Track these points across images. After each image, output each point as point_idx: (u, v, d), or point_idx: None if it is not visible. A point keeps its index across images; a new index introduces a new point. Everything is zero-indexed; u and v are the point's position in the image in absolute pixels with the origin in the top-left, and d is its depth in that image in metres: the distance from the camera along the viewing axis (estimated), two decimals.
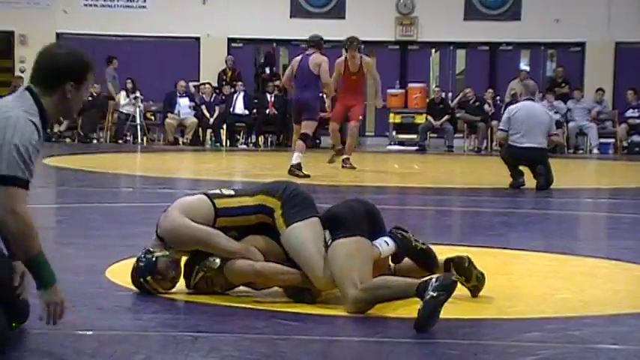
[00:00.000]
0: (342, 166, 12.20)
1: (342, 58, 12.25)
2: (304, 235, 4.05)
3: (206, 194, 4.22)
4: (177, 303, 4.14)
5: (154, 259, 4.14)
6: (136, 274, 4.18)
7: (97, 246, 5.71)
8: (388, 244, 4.14)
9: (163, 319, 3.87)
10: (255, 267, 4.06)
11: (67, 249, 5.70)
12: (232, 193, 4.24)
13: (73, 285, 4.39)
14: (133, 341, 3.48)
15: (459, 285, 3.89)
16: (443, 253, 4.47)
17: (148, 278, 4.14)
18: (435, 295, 3.57)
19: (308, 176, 10.63)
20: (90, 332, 3.55)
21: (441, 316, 3.64)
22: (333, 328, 3.81)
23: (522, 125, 10.13)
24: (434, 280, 3.65)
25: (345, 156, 12.27)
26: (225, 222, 4.14)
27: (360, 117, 12.64)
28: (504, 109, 18.32)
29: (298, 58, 11.35)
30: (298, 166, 10.75)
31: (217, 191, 4.26)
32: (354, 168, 12.25)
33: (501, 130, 10.38)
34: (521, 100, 10.76)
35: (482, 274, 4.27)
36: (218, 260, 4.10)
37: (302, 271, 4.07)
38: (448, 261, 4.26)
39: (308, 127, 10.94)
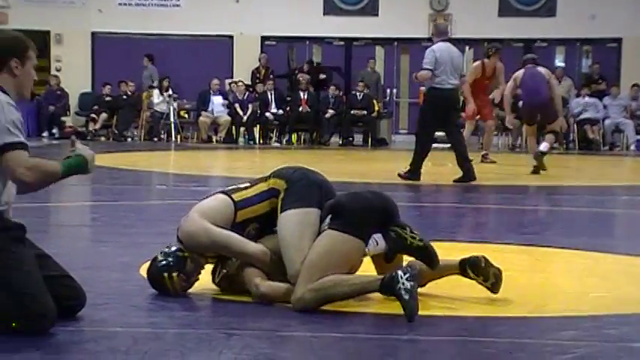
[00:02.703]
0: (482, 162, 12.84)
1: (479, 62, 13.03)
2: (292, 225, 4.02)
3: (223, 192, 4.24)
4: (211, 301, 4.15)
5: (184, 258, 4.13)
6: (162, 269, 4.11)
7: (131, 243, 5.74)
8: (378, 244, 3.99)
9: (197, 317, 3.88)
10: (259, 290, 4.02)
11: (102, 247, 5.75)
12: (248, 184, 4.26)
13: (107, 282, 4.42)
14: (167, 339, 3.49)
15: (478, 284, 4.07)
16: (477, 250, 4.44)
17: (174, 274, 4.09)
18: (412, 285, 3.69)
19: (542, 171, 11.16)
20: (124, 329, 3.56)
21: (474, 314, 3.59)
22: (360, 327, 3.80)
23: (447, 66, 10.13)
24: (401, 272, 3.72)
25: (484, 152, 13.45)
26: (245, 214, 4.15)
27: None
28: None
29: (522, 70, 11.73)
30: (542, 154, 11.30)
31: (234, 187, 4.28)
32: (494, 162, 13.02)
33: (428, 69, 10.12)
34: (437, 41, 10.41)
35: (499, 271, 4.16)
36: (237, 262, 4.13)
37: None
38: (463, 262, 4.15)
39: (557, 125, 11.74)
